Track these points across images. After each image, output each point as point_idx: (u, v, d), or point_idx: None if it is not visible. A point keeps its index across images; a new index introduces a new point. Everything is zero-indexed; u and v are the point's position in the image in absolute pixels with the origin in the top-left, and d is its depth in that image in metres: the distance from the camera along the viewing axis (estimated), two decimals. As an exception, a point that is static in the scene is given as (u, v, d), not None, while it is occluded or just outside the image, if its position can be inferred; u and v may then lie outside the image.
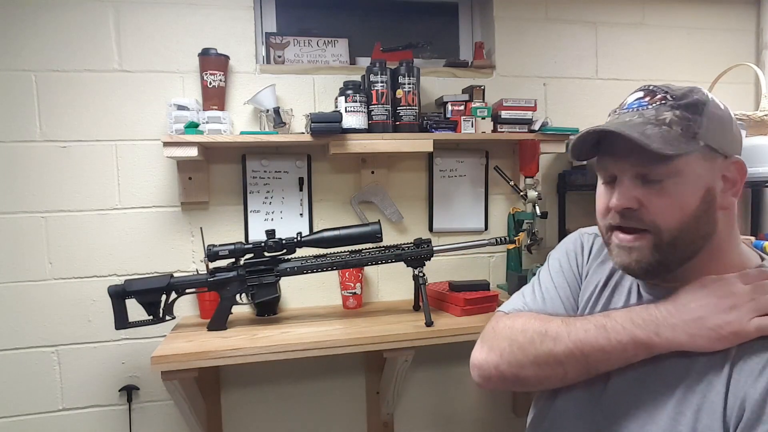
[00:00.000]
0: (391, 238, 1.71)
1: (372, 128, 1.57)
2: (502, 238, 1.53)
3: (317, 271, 1.43)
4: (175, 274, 1.43)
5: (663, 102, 0.68)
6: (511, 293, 1.70)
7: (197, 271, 1.46)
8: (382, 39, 1.78)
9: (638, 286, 0.76)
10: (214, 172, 1.64)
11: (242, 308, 1.54)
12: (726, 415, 0.62)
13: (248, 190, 1.65)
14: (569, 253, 0.88)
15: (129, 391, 1.59)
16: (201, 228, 1.52)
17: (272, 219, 1.67)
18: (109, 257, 1.58)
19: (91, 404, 1.59)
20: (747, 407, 0.60)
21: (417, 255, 1.44)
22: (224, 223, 1.65)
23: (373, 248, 1.46)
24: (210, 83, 1.55)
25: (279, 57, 1.74)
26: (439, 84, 1.78)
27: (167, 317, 1.40)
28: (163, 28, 1.59)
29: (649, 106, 0.69)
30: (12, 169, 1.53)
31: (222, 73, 1.57)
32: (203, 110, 1.55)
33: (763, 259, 0.73)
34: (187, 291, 1.42)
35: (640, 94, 0.72)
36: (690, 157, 0.65)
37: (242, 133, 1.56)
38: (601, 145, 0.71)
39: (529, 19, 1.85)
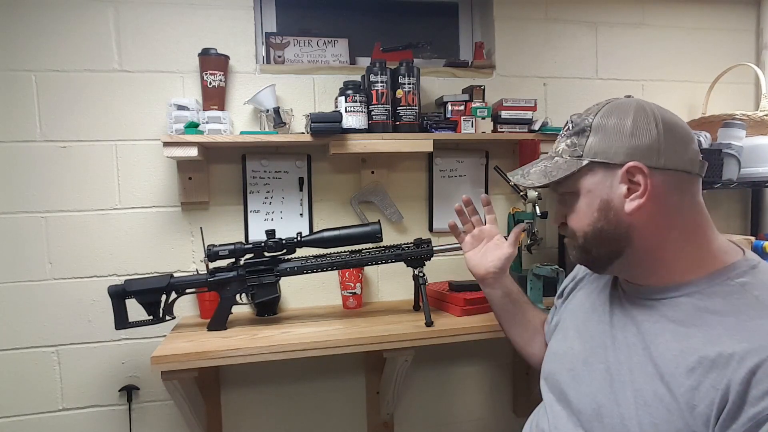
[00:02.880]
0: (391, 238, 1.71)
1: (372, 128, 1.57)
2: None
3: (317, 271, 1.43)
4: (175, 274, 1.43)
5: (565, 132, 0.82)
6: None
7: (197, 271, 1.46)
8: (382, 39, 1.78)
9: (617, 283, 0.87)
10: (214, 172, 1.64)
11: (242, 308, 1.54)
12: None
13: (248, 190, 1.65)
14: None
15: (129, 391, 1.59)
16: (201, 228, 1.52)
17: (272, 219, 1.67)
18: (109, 257, 1.58)
19: (91, 404, 1.59)
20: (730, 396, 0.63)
21: (417, 255, 1.44)
22: (224, 223, 1.65)
23: (373, 248, 1.46)
24: (210, 83, 1.55)
25: (279, 57, 1.74)
26: (439, 84, 1.78)
27: (167, 317, 1.40)
28: (163, 28, 1.59)
29: (559, 137, 0.83)
30: (12, 169, 1.53)
31: (222, 73, 1.57)
32: (203, 110, 1.55)
33: (744, 252, 0.76)
34: (187, 291, 1.42)
35: (565, 124, 0.84)
36: (579, 176, 0.77)
37: (242, 133, 1.56)
38: None
39: (529, 19, 1.85)
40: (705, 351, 0.66)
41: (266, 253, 1.40)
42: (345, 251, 1.45)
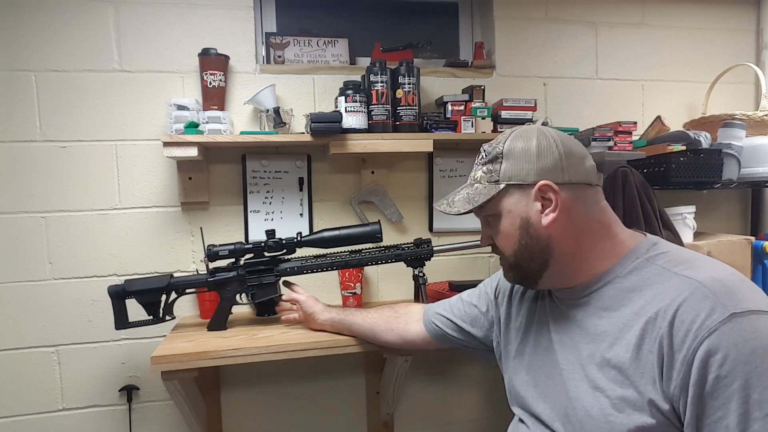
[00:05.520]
0: (391, 238, 1.71)
1: (372, 128, 1.57)
2: (502, 238, 1.52)
3: (317, 271, 1.43)
4: (175, 274, 1.43)
5: (479, 161, 0.89)
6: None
7: (197, 271, 1.46)
8: (382, 39, 1.78)
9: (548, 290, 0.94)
10: (214, 172, 1.64)
11: (242, 308, 1.54)
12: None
13: (248, 190, 1.65)
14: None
15: (129, 391, 1.59)
16: (201, 228, 1.52)
17: (272, 219, 1.67)
18: (109, 257, 1.58)
19: (91, 404, 1.60)
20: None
21: (417, 255, 1.44)
22: (224, 223, 1.65)
23: (373, 248, 1.46)
24: (210, 83, 1.55)
25: (279, 57, 1.74)
26: (439, 84, 1.78)
27: (167, 317, 1.40)
28: (163, 28, 1.59)
29: (475, 166, 0.90)
30: (12, 169, 1.53)
31: (222, 73, 1.57)
32: (203, 110, 1.55)
33: (646, 235, 0.87)
34: (187, 291, 1.42)
35: (478, 154, 0.91)
36: (498, 199, 0.85)
37: (242, 133, 1.56)
38: None
39: (529, 19, 1.85)
40: (636, 324, 0.75)
41: (266, 253, 1.40)
42: (345, 251, 1.45)
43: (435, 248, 1.45)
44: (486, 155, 0.87)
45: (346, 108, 1.53)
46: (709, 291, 0.69)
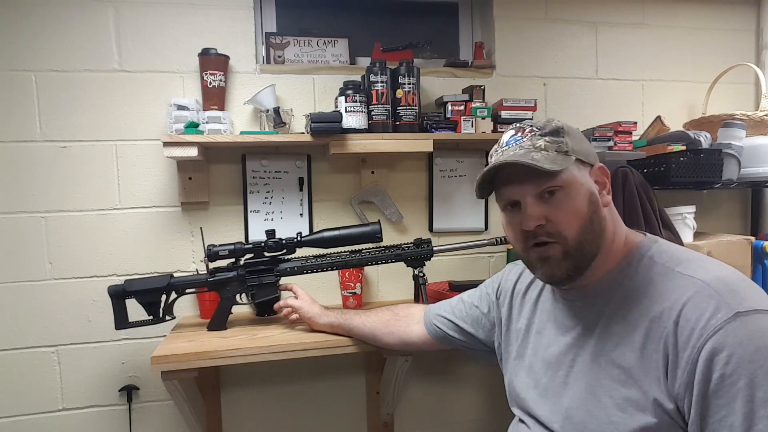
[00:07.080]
0: (391, 238, 1.71)
1: (372, 128, 1.57)
2: (502, 238, 1.53)
3: (317, 271, 1.43)
4: (175, 274, 1.43)
5: (532, 134, 0.82)
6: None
7: (197, 271, 1.46)
8: (382, 39, 1.78)
9: (553, 291, 0.92)
10: (214, 172, 1.64)
11: (242, 308, 1.54)
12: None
13: (248, 190, 1.65)
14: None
15: (129, 391, 1.59)
16: (201, 228, 1.52)
17: (272, 219, 1.67)
18: (109, 257, 1.58)
19: (91, 404, 1.60)
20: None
21: (417, 255, 1.44)
22: (224, 223, 1.65)
23: (373, 248, 1.46)
24: (210, 83, 1.55)
25: (279, 57, 1.74)
26: (439, 84, 1.78)
27: (167, 317, 1.40)
28: (163, 28, 1.59)
29: (524, 140, 0.82)
30: (12, 169, 1.53)
31: (222, 73, 1.57)
32: (203, 110, 1.55)
33: (645, 234, 0.87)
34: (187, 291, 1.42)
35: (512, 131, 0.85)
36: (570, 170, 0.80)
37: (242, 133, 1.56)
38: (496, 179, 0.85)
39: (529, 19, 1.85)
40: (640, 323, 0.75)
41: (266, 253, 1.40)
42: (345, 251, 1.45)
43: (435, 248, 1.45)
44: (539, 129, 0.82)
45: (346, 108, 1.53)
46: (714, 290, 0.70)
